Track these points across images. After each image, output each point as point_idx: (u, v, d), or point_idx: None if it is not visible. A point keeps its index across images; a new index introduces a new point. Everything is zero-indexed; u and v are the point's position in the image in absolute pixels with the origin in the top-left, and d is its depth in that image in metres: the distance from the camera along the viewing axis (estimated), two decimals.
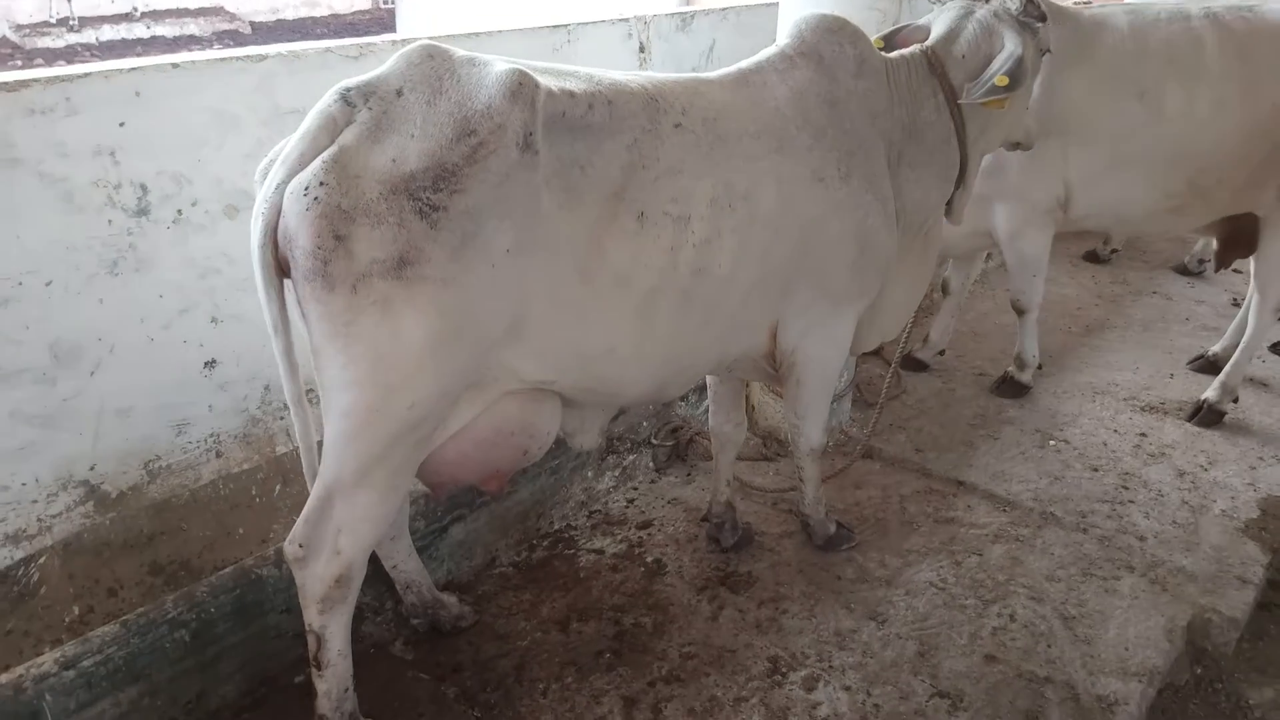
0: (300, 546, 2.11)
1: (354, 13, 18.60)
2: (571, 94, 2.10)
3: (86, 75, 2.45)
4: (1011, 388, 4.22)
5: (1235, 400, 4.09)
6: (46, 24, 14.34)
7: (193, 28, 16.04)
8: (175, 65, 2.61)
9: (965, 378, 4.23)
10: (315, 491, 2.10)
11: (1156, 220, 3.85)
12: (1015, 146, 3.14)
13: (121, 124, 2.47)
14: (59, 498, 2.59)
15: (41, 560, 2.59)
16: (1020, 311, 4.07)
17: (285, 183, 1.88)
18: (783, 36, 2.58)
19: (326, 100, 1.94)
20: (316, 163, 1.87)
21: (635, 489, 3.54)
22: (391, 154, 1.89)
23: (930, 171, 2.71)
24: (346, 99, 1.93)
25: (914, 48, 2.72)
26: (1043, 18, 2.61)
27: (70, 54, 13.97)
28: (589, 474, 3.43)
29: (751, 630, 2.85)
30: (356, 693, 2.30)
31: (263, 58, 2.76)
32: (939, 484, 3.62)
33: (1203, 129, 3.56)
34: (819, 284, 2.59)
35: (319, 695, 2.23)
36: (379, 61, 3.15)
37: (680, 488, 3.56)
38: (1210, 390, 4.07)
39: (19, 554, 2.53)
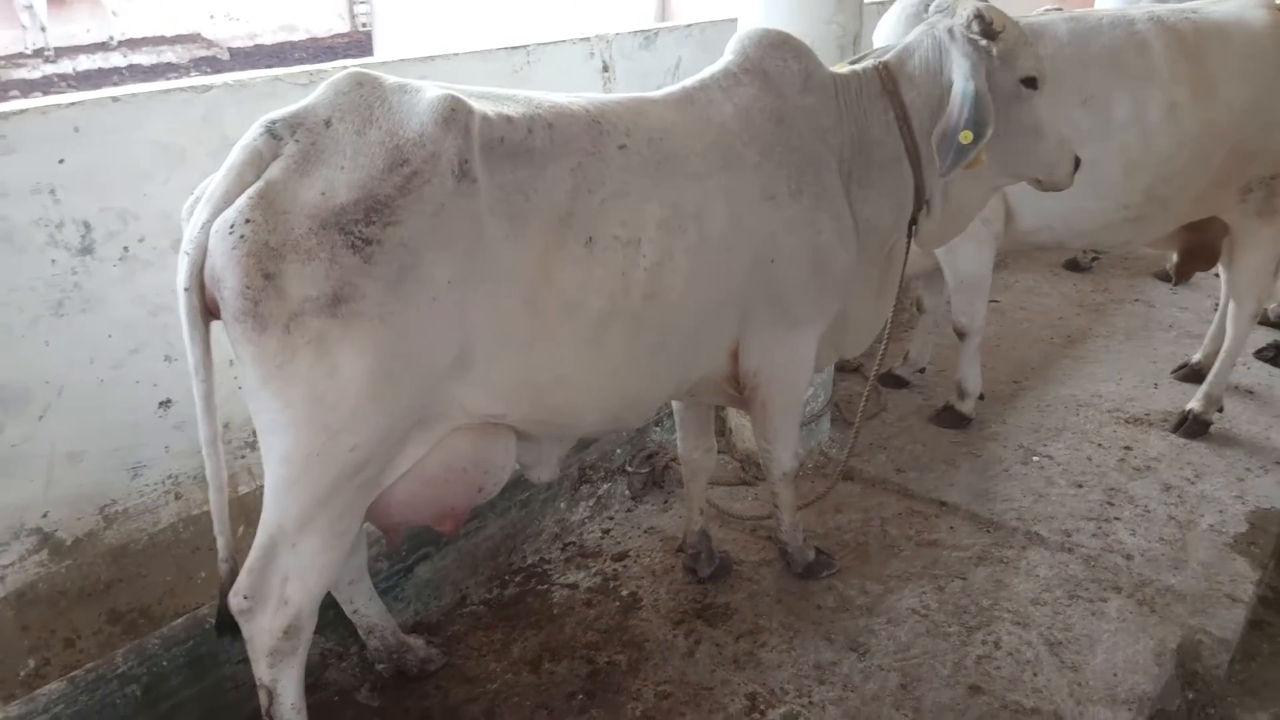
0: (245, 598, 2.02)
1: (332, 36, 18.58)
2: (509, 119, 2.03)
3: (22, 112, 2.38)
4: (951, 417, 4.09)
5: (1220, 410, 4.02)
6: (22, 55, 14.25)
7: (170, 55, 15.97)
8: (115, 99, 2.53)
9: (947, 394, 4.15)
10: (258, 540, 2.01)
11: (1114, 231, 3.75)
12: (1041, 185, 2.82)
13: (61, 161, 2.39)
14: (11, 547, 2.50)
15: None
16: (961, 334, 3.95)
17: (210, 221, 1.80)
18: (727, 53, 2.52)
19: (251, 134, 1.87)
20: (242, 199, 1.79)
21: (611, 519, 3.45)
22: (321, 187, 1.82)
23: (878, 191, 2.63)
24: (272, 132, 1.86)
25: (867, 63, 2.65)
26: (992, 34, 2.50)
27: (46, 84, 13.88)
28: (561, 505, 3.34)
29: (729, 666, 2.75)
30: None
31: (208, 88, 2.69)
32: (921, 505, 3.53)
33: (1156, 135, 3.48)
34: (776, 303, 2.51)
35: None
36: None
37: (657, 516, 3.47)
38: (1194, 400, 4.01)
39: None
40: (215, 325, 1.92)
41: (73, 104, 2.46)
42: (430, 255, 1.90)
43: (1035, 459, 3.82)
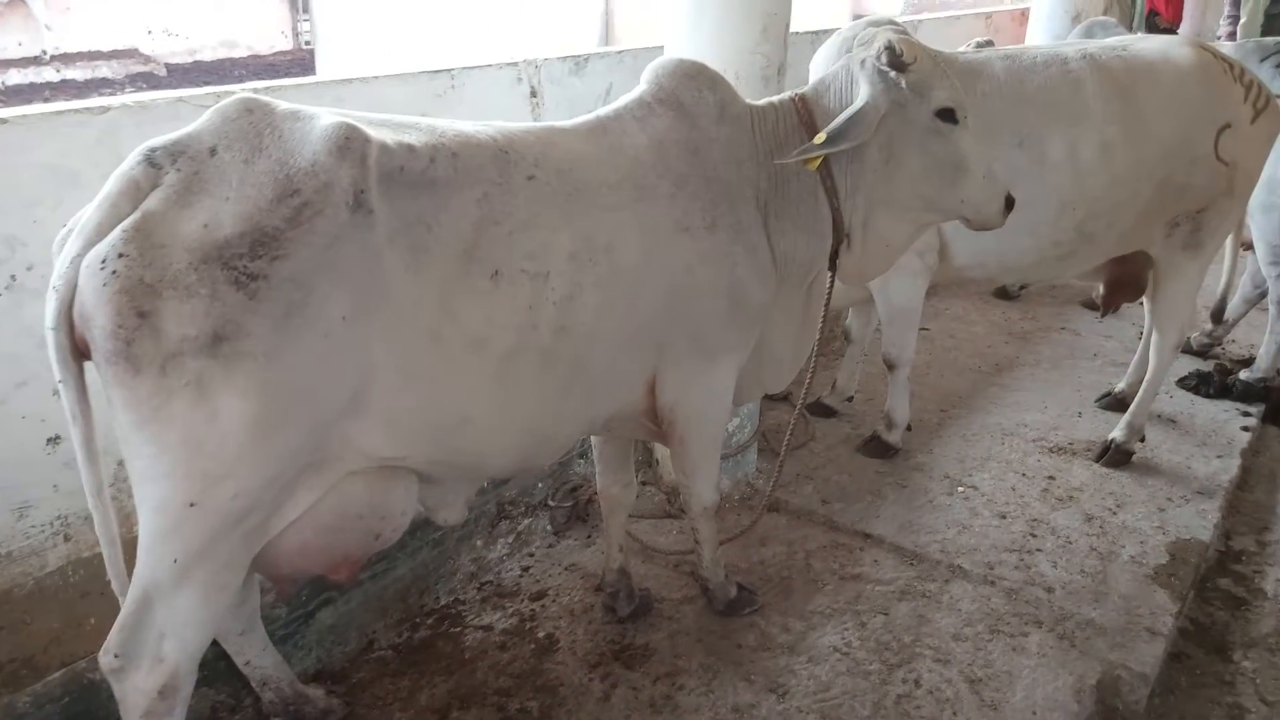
0: (116, 657, 1.90)
1: (274, 53, 18.24)
2: (411, 148, 1.96)
3: None
4: (878, 448, 4.07)
5: (1142, 439, 4.06)
6: None
7: (105, 71, 15.55)
8: (4, 120, 2.41)
9: (875, 423, 4.13)
10: (131, 594, 1.89)
11: (1045, 267, 3.78)
12: (969, 224, 2.73)
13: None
14: None
15: None
16: (891, 365, 3.95)
17: (81, 255, 1.70)
18: (642, 83, 2.47)
19: (129, 162, 1.77)
20: (116, 232, 1.69)
21: (531, 555, 3.36)
22: (203, 219, 1.73)
23: (794, 224, 2.60)
24: (151, 160, 1.76)
25: (785, 95, 2.63)
26: (900, 66, 2.49)
27: None
28: (478, 543, 3.25)
29: (645, 710, 2.68)
30: None
31: (105, 110, 2.57)
32: (846, 537, 3.50)
33: (1089, 174, 3.51)
34: (692, 336, 2.46)
35: None
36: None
37: (579, 551, 3.39)
38: (1117, 430, 4.04)
39: None
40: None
41: None
42: (322, 290, 1.82)
43: (960, 489, 3.82)
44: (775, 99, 2.63)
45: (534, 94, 3.84)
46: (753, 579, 3.23)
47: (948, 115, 2.59)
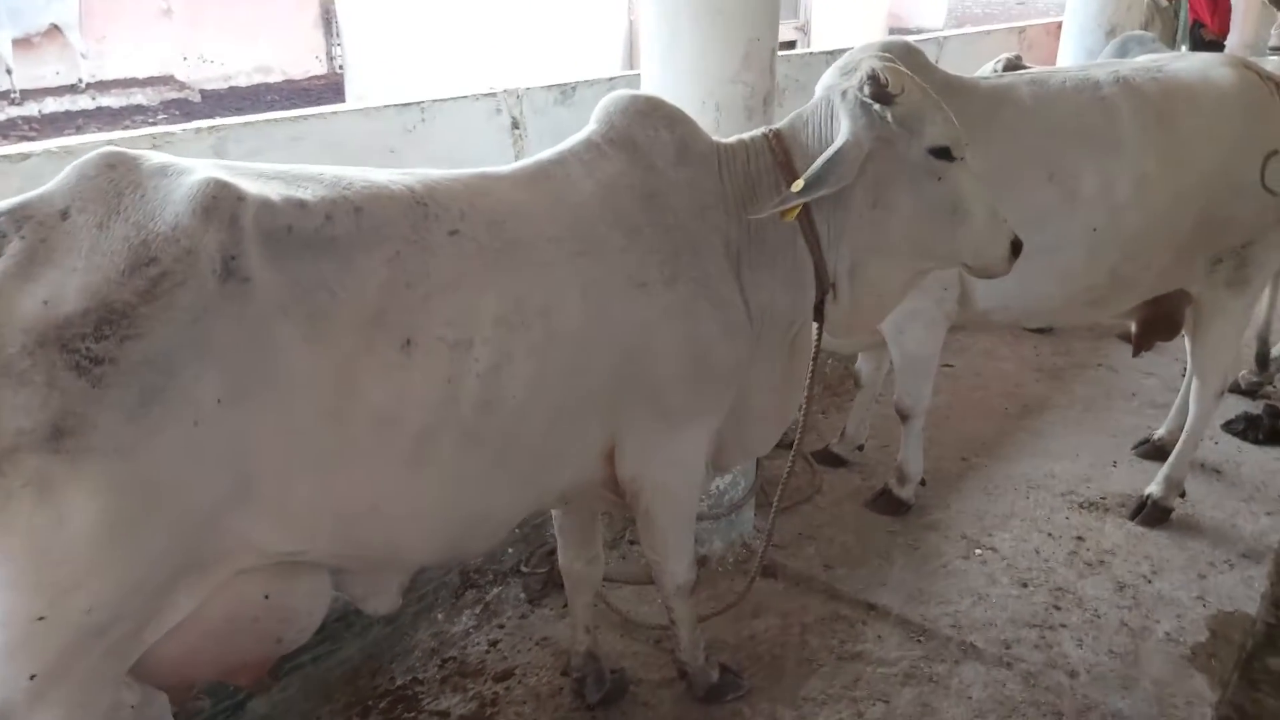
0: None
1: (309, 78, 18.39)
2: (302, 204, 1.72)
3: None
4: (889, 503, 3.74)
5: (1182, 495, 3.70)
6: None
7: (140, 98, 15.75)
8: None
9: (888, 473, 3.81)
10: None
11: (1074, 312, 3.46)
12: (970, 270, 2.47)
13: None
14: None
15: None
16: (904, 416, 3.63)
17: None
18: (591, 121, 2.22)
19: None
20: None
21: (501, 627, 3.09)
22: (44, 294, 1.50)
23: (771, 275, 2.33)
24: None
25: (758, 131, 2.36)
26: (886, 98, 2.21)
27: (9, 127, 13.63)
28: (439, 616, 3.00)
29: None
30: None
31: (25, 156, 2.41)
32: (848, 608, 3.19)
33: (1124, 211, 3.18)
34: (652, 402, 2.20)
35: None
36: (179, 152, 2.78)
37: (554, 623, 3.11)
38: (1154, 485, 3.68)
39: None
40: None
41: None
42: (189, 372, 1.58)
43: (978, 552, 3.48)
44: (747, 136, 2.36)
45: (516, 125, 3.61)
46: (740, 657, 2.94)
47: (942, 152, 2.30)
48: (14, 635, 1.57)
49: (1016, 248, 2.45)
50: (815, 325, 2.58)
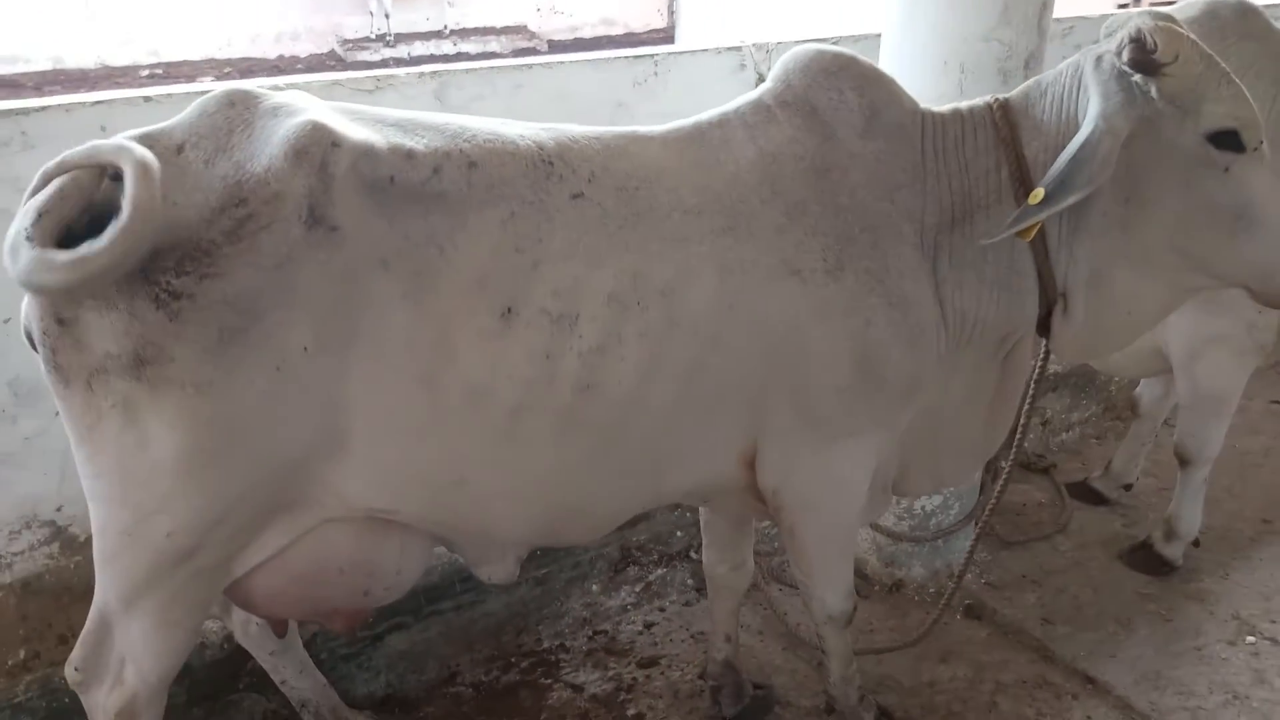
0: (77, 670, 1.81)
1: (648, 31, 18.90)
2: (409, 154, 1.63)
3: (44, 109, 2.33)
4: (1148, 560, 3.10)
5: None
6: (367, 39, 15.76)
7: (495, 45, 16.95)
8: (147, 99, 2.43)
9: (1157, 523, 3.18)
10: (91, 611, 1.78)
11: None
12: (1254, 295, 1.97)
13: None
14: (22, 536, 2.49)
15: None
16: (1184, 461, 2.98)
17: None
18: (768, 79, 1.93)
19: None
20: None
21: (661, 610, 2.95)
22: None
23: (977, 274, 1.93)
24: None
25: (980, 100, 1.95)
26: (1150, 67, 1.71)
27: (382, 65, 15.27)
28: (593, 587, 2.90)
29: None
30: None
31: None
32: (1059, 675, 2.70)
33: None
34: (800, 410, 1.91)
35: None
36: (401, 97, 2.85)
37: None
38: None
39: None
40: None
41: (99, 102, 2.39)
42: (272, 317, 1.56)
43: (1250, 640, 2.81)
44: (966, 105, 1.97)
45: (762, 81, 3.36)
46: (911, 704, 2.58)
47: (1228, 139, 1.79)
48: (108, 546, 1.67)
49: None
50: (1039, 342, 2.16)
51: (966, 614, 2.93)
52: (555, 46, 17.81)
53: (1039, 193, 1.77)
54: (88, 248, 1.43)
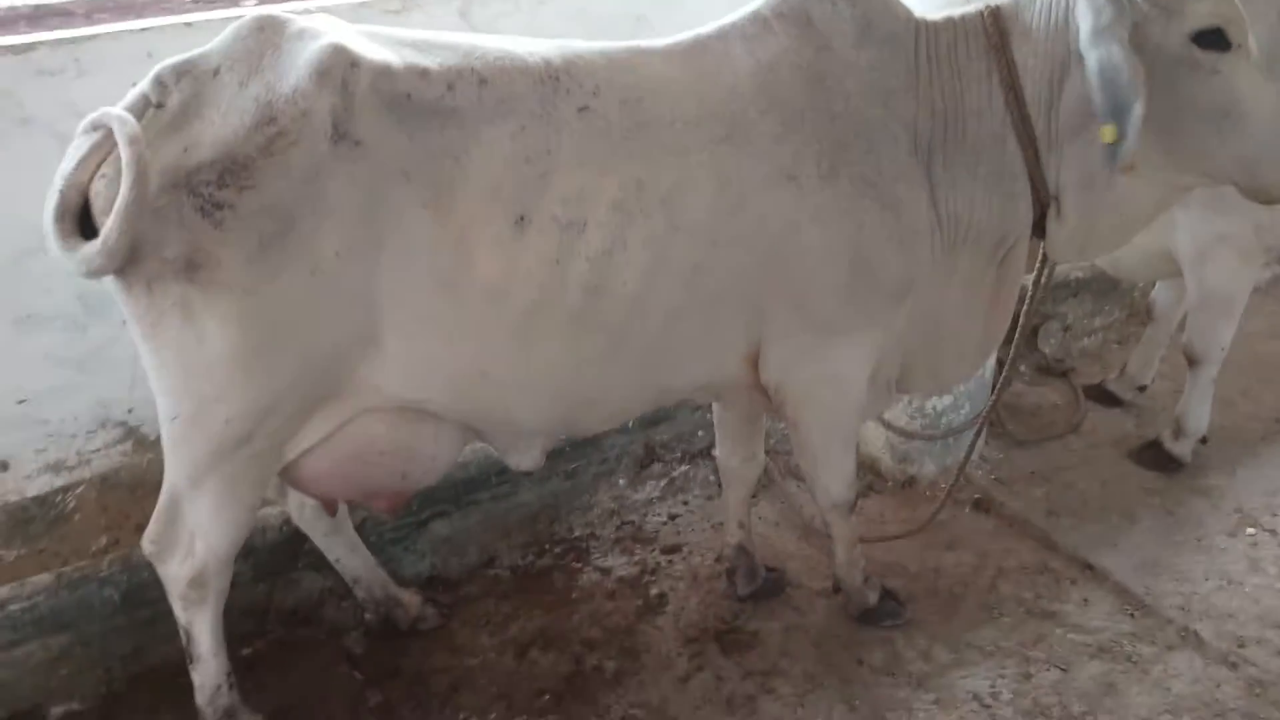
0: (153, 543, 2.06)
1: None
2: (424, 72, 1.78)
3: (94, 37, 2.49)
4: (1156, 458, 3.19)
5: None
6: None
7: None
8: (188, 24, 2.59)
9: (1168, 423, 3.27)
10: (163, 490, 2.02)
11: None
12: (1242, 191, 2.06)
13: (133, 84, 2.49)
14: (97, 435, 2.74)
15: (78, 490, 2.77)
16: (1192, 361, 3.05)
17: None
18: None
19: (145, 79, 1.78)
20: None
21: (685, 504, 3.15)
22: (185, 142, 1.71)
23: (971, 176, 2.03)
24: (160, 79, 1.77)
25: (973, 8, 2.01)
26: None
27: None
28: (620, 481, 3.10)
29: (718, 706, 2.42)
30: (290, 677, 2.37)
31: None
32: (1059, 563, 2.85)
33: None
34: (798, 308, 2.05)
35: (196, 688, 2.19)
36: (426, 17, 2.96)
37: None
38: None
39: (58, 482, 2.73)
40: None
41: (145, 29, 2.55)
42: (305, 224, 1.74)
43: (1250, 531, 2.93)
44: (958, 13, 2.04)
45: None
46: (916, 588, 2.76)
47: (1212, 38, 1.86)
48: (175, 432, 1.89)
49: None
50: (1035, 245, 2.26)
51: (975, 507, 3.08)
52: None
53: (1106, 130, 1.84)
54: (104, 232, 1.65)
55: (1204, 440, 3.20)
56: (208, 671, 2.15)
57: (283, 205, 1.71)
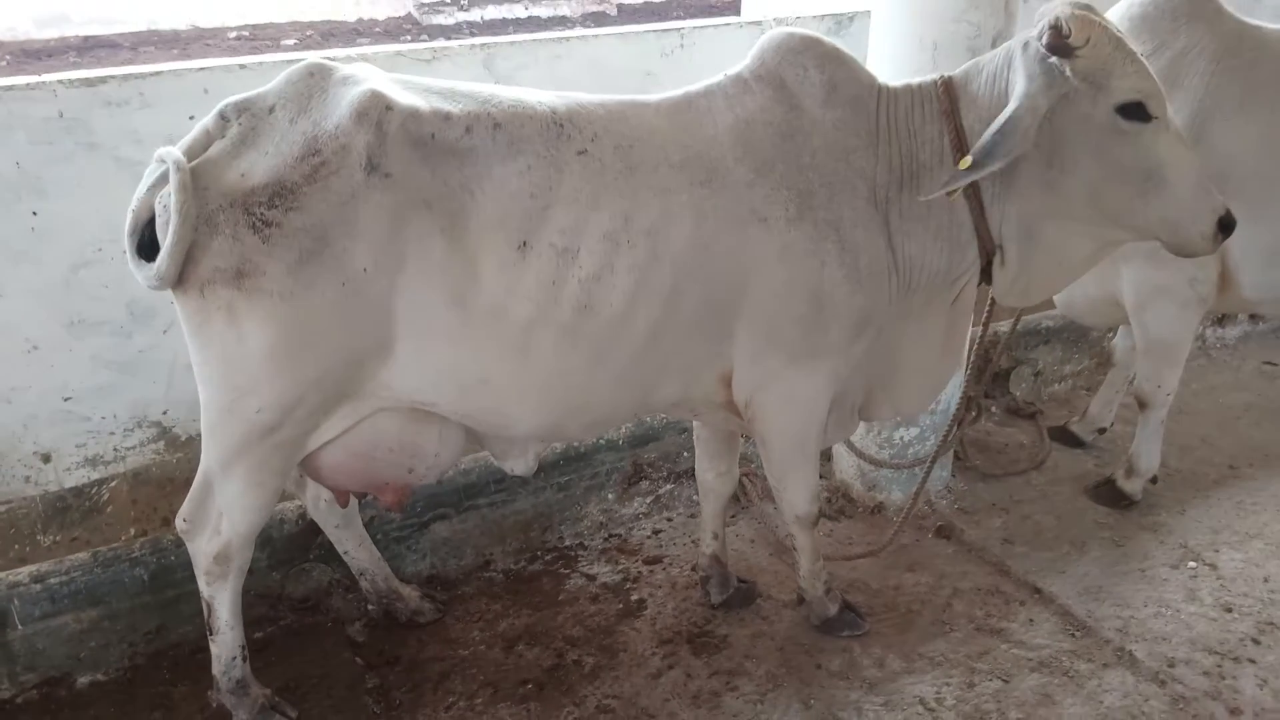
0: (185, 521, 2.32)
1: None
2: (446, 116, 2.07)
3: (158, 74, 2.80)
4: (1110, 494, 3.42)
5: None
6: (443, 2, 16.23)
7: (565, 9, 17.23)
8: (242, 65, 2.90)
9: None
10: (197, 474, 2.28)
11: None
12: (1168, 247, 2.32)
13: (191, 117, 2.76)
14: (134, 433, 3.02)
15: (113, 484, 3.04)
16: (1142, 404, 3.28)
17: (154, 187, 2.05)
18: (747, 57, 2.32)
19: (209, 115, 2.07)
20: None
21: (668, 520, 3.39)
22: (242, 169, 1.99)
23: (923, 227, 2.29)
24: (223, 114, 2.06)
25: (930, 77, 2.30)
26: (1065, 50, 2.04)
27: (456, 30, 15.70)
28: (609, 496, 3.35)
29: (686, 700, 2.64)
30: (297, 659, 2.58)
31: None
32: (1010, 586, 3.07)
33: None
34: (766, 335, 2.31)
35: (213, 658, 2.43)
36: (454, 67, 3.27)
37: None
38: None
39: (94, 475, 3.00)
40: None
41: (202, 69, 2.87)
42: (340, 243, 2.01)
43: (1192, 564, 3.14)
44: (917, 81, 2.32)
45: None
46: (875, 603, 2.98)
47: (1134, 110, 2.13)
48: (211, 419, 2.16)
49: (1226, 226, 2.21)
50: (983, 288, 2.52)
51: (937, 533, 3.31)
52: (624, 11, 18.05)
53: (967, 160, 2.12)
54: (158, 261, 1.98)
55: (1154, 480, 3.43)
56: (225, 643, 2.40)
57: (321, 225, 1.99)
